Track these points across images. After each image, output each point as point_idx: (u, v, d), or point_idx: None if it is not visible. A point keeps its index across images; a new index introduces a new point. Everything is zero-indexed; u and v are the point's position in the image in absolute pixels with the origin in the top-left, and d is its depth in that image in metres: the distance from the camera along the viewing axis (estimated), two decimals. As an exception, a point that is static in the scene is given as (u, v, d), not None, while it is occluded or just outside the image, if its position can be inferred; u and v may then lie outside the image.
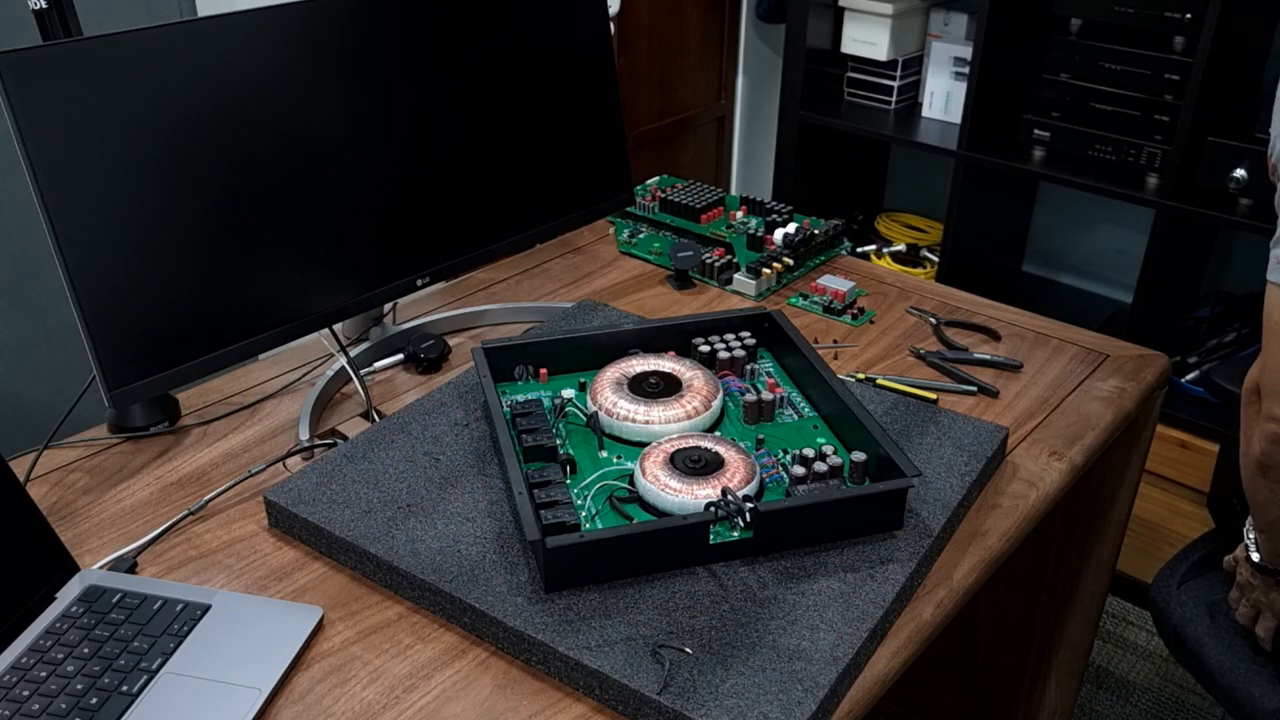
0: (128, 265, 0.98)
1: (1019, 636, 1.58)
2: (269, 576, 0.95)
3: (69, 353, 1.86)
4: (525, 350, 1.14)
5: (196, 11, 1.90)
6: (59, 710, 0.80)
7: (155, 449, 1.13)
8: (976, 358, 1.26)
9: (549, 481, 0.94)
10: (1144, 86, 2.03)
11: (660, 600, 0.88)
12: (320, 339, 1.28)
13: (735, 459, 0.96)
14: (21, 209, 1.72)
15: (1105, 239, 2.49)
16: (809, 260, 1.50)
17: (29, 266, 1.79)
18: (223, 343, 1.06)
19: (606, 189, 1.39)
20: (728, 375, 1.13)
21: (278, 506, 0.98)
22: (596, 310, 1.32)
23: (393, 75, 1.14)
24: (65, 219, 0.93)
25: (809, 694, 0.79)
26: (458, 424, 1.09)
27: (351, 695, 0.83)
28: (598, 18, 1.32)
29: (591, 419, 1.05)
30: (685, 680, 0.80)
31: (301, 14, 1.06)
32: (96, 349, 0.97)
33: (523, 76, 1.26)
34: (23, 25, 1.13)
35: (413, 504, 0.97)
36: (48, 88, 0.91)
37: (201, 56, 1.00)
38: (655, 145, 2.88)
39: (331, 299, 1.14)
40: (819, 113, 2.55)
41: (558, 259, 1.55)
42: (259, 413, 1.20)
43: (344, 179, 1.13)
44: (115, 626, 0.87)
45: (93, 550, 0.99)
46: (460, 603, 0.88)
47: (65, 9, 1.11)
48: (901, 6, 2.45)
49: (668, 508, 0.93)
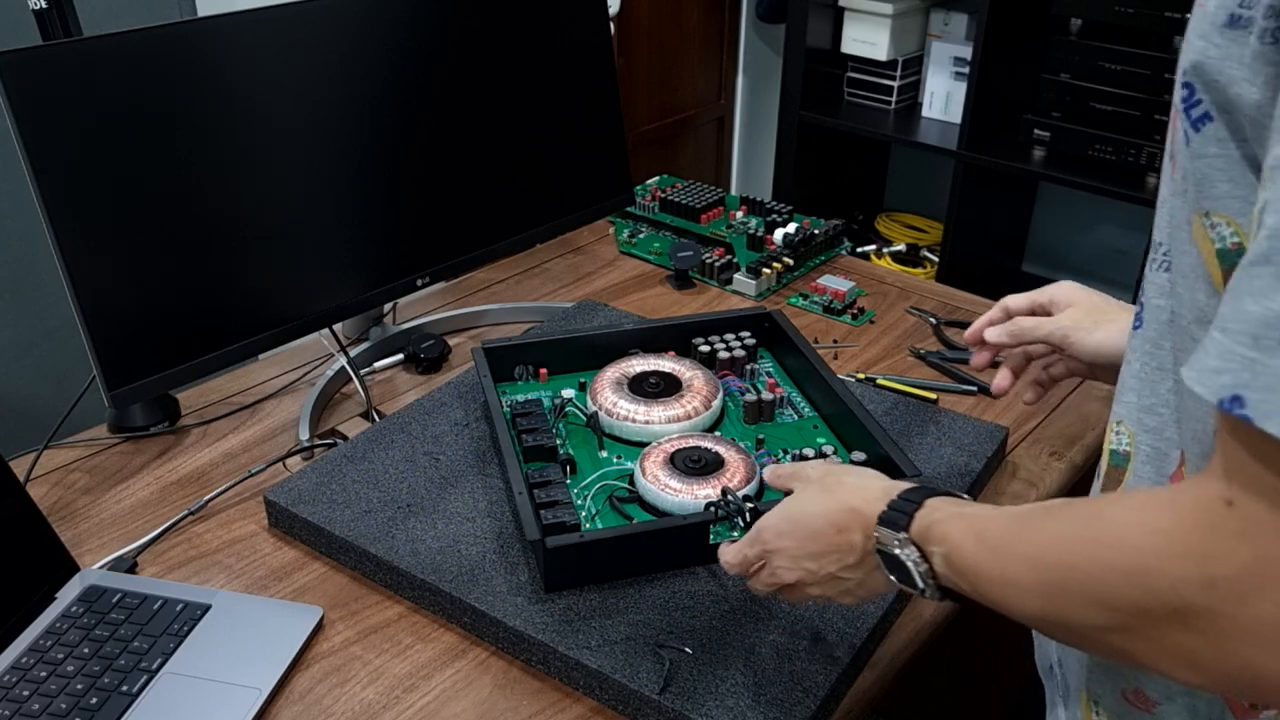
0: (128, 265, 0.98)
1: (1019, 637, 1.58)
2: (269, 576, 0.95)
3: (69, 353, 1.86)
4: (525, 350, 1.14)
5: (196, 11, 1.90)
6: (59, 710, 0.80)
7: (155, 449, 1.13)
8: (976, 358, 1.26)
9: (549, 481, 0.94)
10: (1144, 86, 2.04)
11: (660, 600, 0.87)
12: (320, 339, 1.28)
13: (735, 459, 0.96)
14: (21, 209, 1.72)
15: (1105, 239, 2.49)
16: (809, 260, 1.50)
17: (29, 266, 1.79)
18: (223, 343, 1.06)
19: (606, 189, 1.39)
20: (728, 375, 1.13)
21: (278, 506, 0.98)
22: (596, 310, 1.32)
23: (392, 75, 1.14)
24: (65, 219, 0.93)
25: (809, 694, 0.79)
26: (458, 424, 1.09)
27: (351, 695, 0.83)
28: (598, 18, 1.32)
29: (591, 419, 1.05)
30: (685, 680, 0.80)
31: (301, 14, 1.06)
32: (96, 349, 0.97)
33: (523, 77, 1.26)
34: (23, 25, 1.13)
35: (413, 504, 0.97)
36: (48, 88, 0.91)
37: (201, 56, 1.00)
38: (655, 145, 2.88)
39: (331, 299, 1.14)
40: (819, 113, 2.55)
41: (558, 259, 1.55)
42: (259, 413, 1.20)
43: (344, 179, 1.13)
44: (115, 626, 0.87)
45: (93, 550, 0.99)
46: (460, 603, 0.88)
47: (65, 9, 1.11)
48: (901, 6, 2.45)
49: (668, 508, 0.93)
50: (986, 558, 0.59)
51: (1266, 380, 0.41)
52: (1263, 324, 0.42)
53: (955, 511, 0.63)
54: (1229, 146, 0.49)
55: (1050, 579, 0.53)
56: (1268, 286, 0.42)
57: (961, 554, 0.61)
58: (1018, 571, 0.56)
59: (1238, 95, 0.48)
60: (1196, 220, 0.52)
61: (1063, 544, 0.53)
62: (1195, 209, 0.52)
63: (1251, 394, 0.42)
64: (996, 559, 0.58)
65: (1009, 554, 0.57)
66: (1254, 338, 0.42)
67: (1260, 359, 0.42)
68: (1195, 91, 0.50)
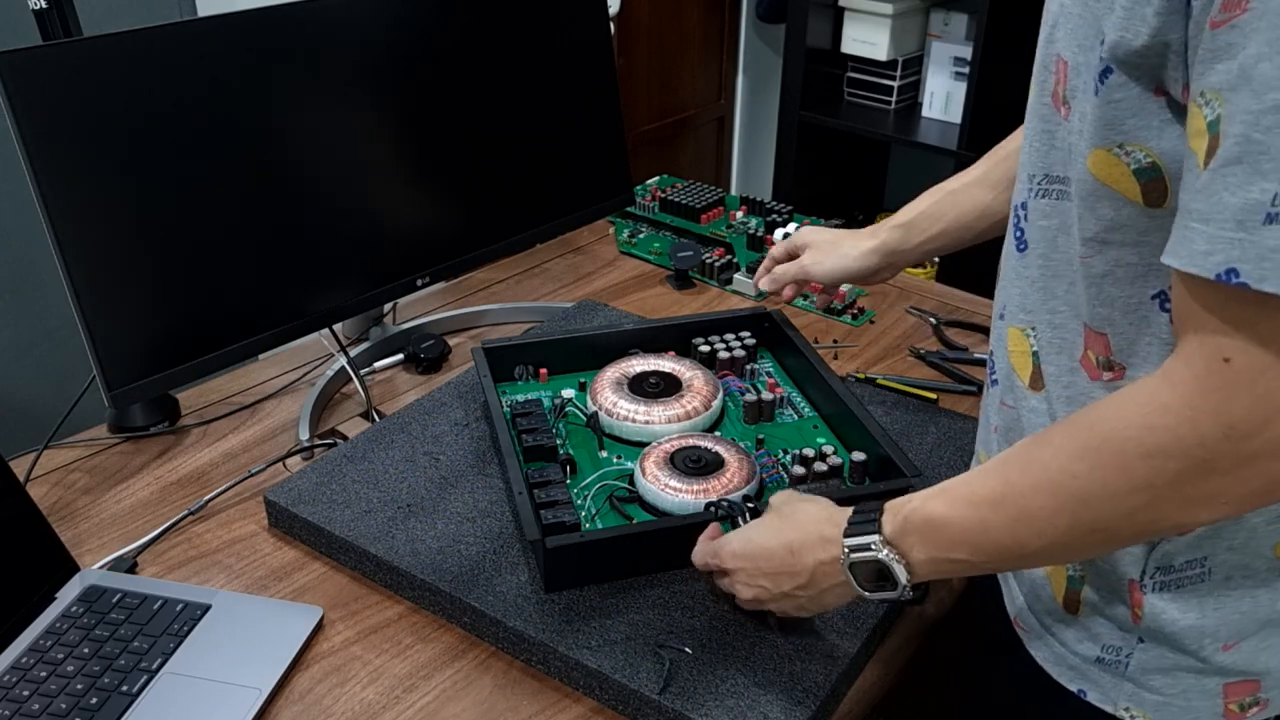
0: (127, 265, 0.98)
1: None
2: (269, 576, 0.95)
3: (69, 353, 1.86)
4: (525, 350, 1.14)
5: (196, 11, 1.90)
6: (59, 710, 0.80)
7: (155, 449, 1.13)
8: (976, 357, 1.26)
9: (549, 481, 0.94)
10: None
11: (660, 600, 0.87)
12: (320, 339, 1.28)
13: (735, 459, 0.96)
14: (21, 209, 1.72)
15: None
16: (809, 260, 1.49)
17: (29, 266, 1.80)
18: (223, 343, 1.06)
19: (606, 189, 1.39)
20: (728, 375, 1.13)
21: (278, 506, 0.98)
22: (596, 310, 1.32)
23: (393, 75, 1.14)
24: (65, 219, 0.93)
25: (809, 694, 0.79)
26: (458, 424, 1.09)
27: (351, 695, 0.83)
28: (598, 18, 1.32)
29: (591, 419, 1.05)
30: (685, 680, 0.80)
31: (301, 15, 1.06)
32: (96, 349, 0.97)
33: (523, 76, 1.26)
34: (23, 25, 1.13)
35: (413, 504, 0.97)
36: (48, 88, 0.91)
37: (201, 57, 1.00)
38: (655, 145, 2.88)
39: (331, 299, 1.14)
40: (819, 113, 2.55)
41: (558, 259, 1.55)
42: (259, 413, 1.20)
43: (344, 179, 1.13)
44: (115, 626, 0.87)
45: (93, 550, 0.99)
46: (460, 603, 0.88)
47: (65, 9, 1.11)
48: (901, 6, 2.45)
49: (668, 508, 0.93)
50: (988, 514, 0.65)
51: (1255, 252, 0.51)
52: (1244, 210, 0.52)
53: (923, 495, 0.70)
54: (1132, 89, 0.59)
55: (1075, 490, 0.60)
56: (1243, 181, 0.51)
57: (951, 525, 0.67)
58: (1036, 504, 0.62)
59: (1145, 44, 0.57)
60: (1100, 153, 0.62)
61: (1075, 459, 0.60)
62: (1099, 145, 0.62)
63: (1244, 265, 0.52)
64: (1003, 507, 0.64)
65: (1017, 495, 0.63)
66: (1238, 222, 0.52)
67: (1246, 238, 0.51)
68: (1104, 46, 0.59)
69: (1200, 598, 0.69)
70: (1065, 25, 0.64)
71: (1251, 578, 0.68)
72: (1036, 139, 0.70)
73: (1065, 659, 0.76)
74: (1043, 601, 0.77)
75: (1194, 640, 0.69)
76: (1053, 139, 0.68)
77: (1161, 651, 0.71)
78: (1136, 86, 0.59)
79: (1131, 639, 0.72)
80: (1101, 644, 0.73)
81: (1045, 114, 0.69)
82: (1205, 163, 0.54)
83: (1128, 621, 0.71)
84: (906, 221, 1.05)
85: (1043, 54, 0.69)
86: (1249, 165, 0.51)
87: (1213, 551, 0.68)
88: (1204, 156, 0.54)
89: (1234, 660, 0.70)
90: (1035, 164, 0.71)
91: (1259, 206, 0.51)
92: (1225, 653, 0.69)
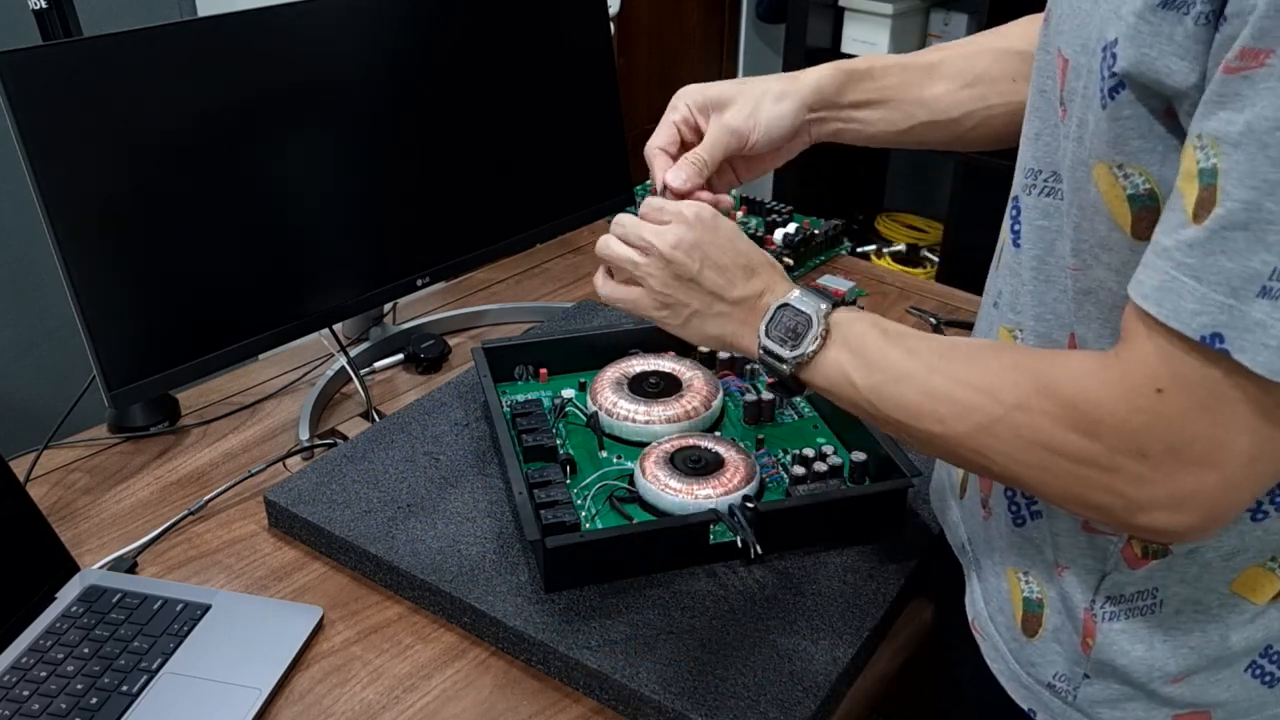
0: (128, 265, 0.98)
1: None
2: (269, 576, 0.95)
3: (69, 353, 1.86)
4: (525, 350, 1.14)
5: (196, 11, 1.90)
6: (59, 710, 0.80)
7: (155, 449, 1.13)
8: (976, 358, 1.26)
9: (549, 481, 0.94)
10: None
11: (660, 600, 0.87)
12: (320, 339, 1.28)
13: (735, 459, 0.96)
14: (21, 209, 1.72)
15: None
16: (809, 260, 1.50)
17: (29, 266, 1.80)
18: (223, 343, 1.06)
19: (606, 189, 1.39)
20: (728, 375, 1.13)
21: (278, 506, 0.98)
22: (596, 310, 1.32)
23: (392, 76, 1.14)
24: (65, 219, 0.93)
25: (809, 694, 0.79)
26: (458, 424, 1.09)
27: (351, 695, 0.83)
28: (598, 18, 1.32)
29: (591, 419, 1.04)
30: (685, 680, 0.80)
31: (300, 15, 1.06)
32: (96, 349, 0.97)
33: (523, 77, 1.26)
34: (23, 25, 1.13)
35: (413, 504, 0.97)
36: (48, 88, 0.91)
37: (201, 57, 1.00)
38: (655, 145, 2.88)
39: (331, 299, 1.14)
40: (819, 113, 2.54)
41: (558, 259, 1.55)
42: (259, 413, 1.20)
43: (344, 179, 1.13)
44: (115, 626, 0.87)
45: (93, 550, 0.99)
46: (460, 603, 0.88)
47: (65, 9, 1.11)
48: (901, 6, 2.45)
49: (668, 508, 0.93)
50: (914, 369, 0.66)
51: (1243, 323, 0.52)
52: (1241, 279, 0.51)
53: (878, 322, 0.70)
54: (1140, 108, 0.57)
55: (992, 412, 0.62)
56: (1244, 249, 0.51)
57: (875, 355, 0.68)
58: (948, 389, 0.64)
59: (1166, 69, 0.54)
60: (1102, 167, 0.60)
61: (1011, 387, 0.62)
62: (1101, 159, 0.60)
63: (1230, 332, 0.52)
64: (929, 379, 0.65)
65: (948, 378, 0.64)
66: (1233, 289, 0.52)
67: (1238, 306, 0.51)
68: (1117, 62, 0.57)
69: (1150, 629, 0.68)
70: (1069, 21, 0.63)
71: (1203, 613, 0.67)
72: (1039, 134, 0.69)
73: (1019, 677, 0.75)
74: (1004, 616, 0.76)
75: (1143, 672, 0.68)
76: (1055, 136, 0.68)
77: (1108, 684, 0.70)
78: (1144, 106, 0.57)
79: (1079, 672, 0.71)
80: (1054, 671, 0.73)
81: (1045, 112, 0.68)
82: (1195, 214, 0.52)
83: (1077, 652, 0.71)
84: (850, 69, 0.88)
85: (1042, 52, 0.68)
86: (1254, 234, 0.50)
87: (1164, 584, 0.67)
88: (1194, 207, 0.53)
89: (1182, 693, 0.69)
90: (1038, 160, 0.69)
91: (1256, 277, 0.51)
92: (1174, 685, 0.68)
